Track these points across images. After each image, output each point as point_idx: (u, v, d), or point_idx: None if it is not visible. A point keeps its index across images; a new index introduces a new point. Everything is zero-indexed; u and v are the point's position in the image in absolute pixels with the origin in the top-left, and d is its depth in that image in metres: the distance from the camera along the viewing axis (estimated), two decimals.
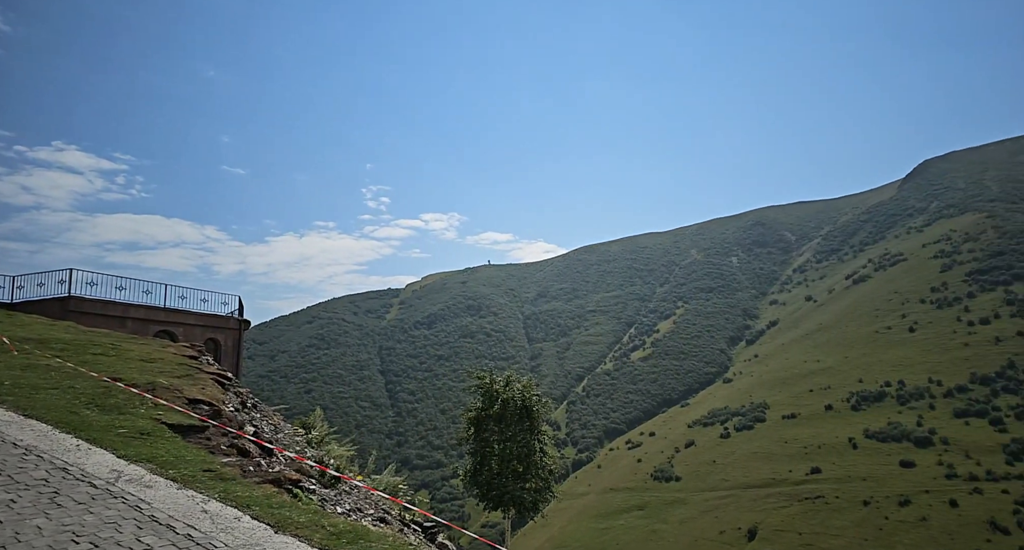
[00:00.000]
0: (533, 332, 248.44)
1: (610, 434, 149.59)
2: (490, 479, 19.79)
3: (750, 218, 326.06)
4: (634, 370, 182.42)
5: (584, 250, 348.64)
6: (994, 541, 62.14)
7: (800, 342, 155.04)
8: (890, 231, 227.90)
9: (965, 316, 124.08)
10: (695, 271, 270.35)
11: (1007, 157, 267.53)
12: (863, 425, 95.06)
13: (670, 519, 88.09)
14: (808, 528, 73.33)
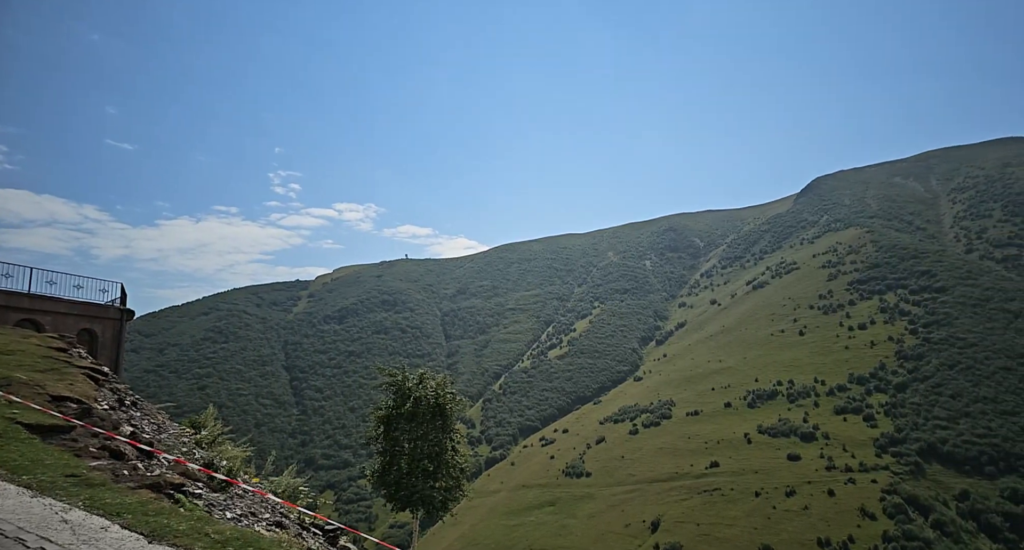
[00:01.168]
0: (451, 329, 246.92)
1: (525, 431, 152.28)
2: (399, 479, 19.41)
3: (663, 224, 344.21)
4: (551, 368, 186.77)
5: (505, 248, 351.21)
6: (863, 526, 70.04)
7: (705, 343, 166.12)
8: (786, 241, 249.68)
9: (847, 321, 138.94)
10: (612, 273, 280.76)
11: (885, 178, 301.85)
12: (757, 421, 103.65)
13: (579, 514, 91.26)
14: (706, 519, 78.78)
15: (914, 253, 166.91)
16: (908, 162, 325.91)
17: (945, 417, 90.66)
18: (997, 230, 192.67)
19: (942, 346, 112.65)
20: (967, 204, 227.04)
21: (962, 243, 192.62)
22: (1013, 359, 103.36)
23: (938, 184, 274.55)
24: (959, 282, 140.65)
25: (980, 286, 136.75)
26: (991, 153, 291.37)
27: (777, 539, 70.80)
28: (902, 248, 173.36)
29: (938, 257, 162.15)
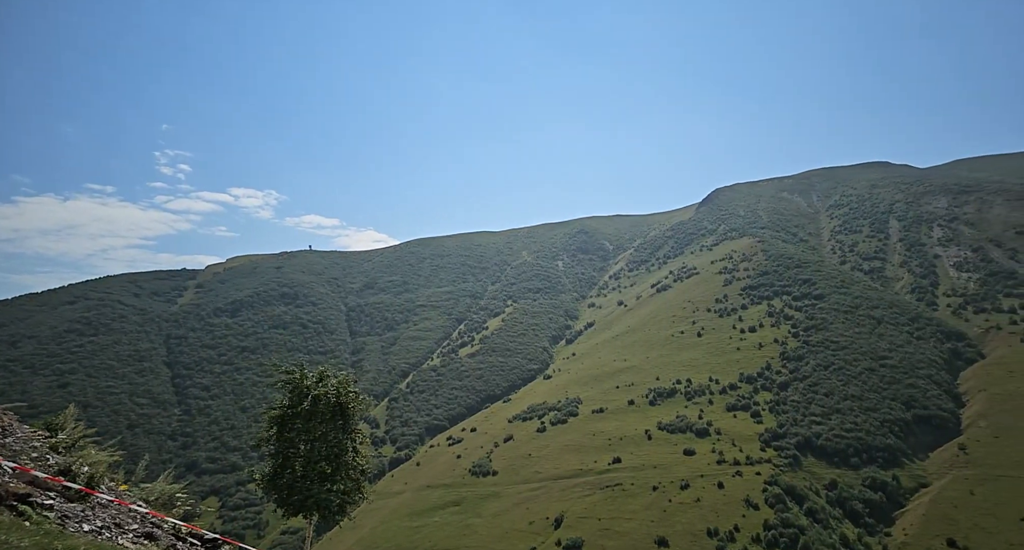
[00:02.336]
0: (357, 325, 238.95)
1: (432, 431, 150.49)
2: (292, 482, 18.10)
3: (576, 226, 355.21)
4: (461, 366, 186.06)
5: (418, 243, 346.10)
6: (748, 516, 76.05)
7: (611, 343, 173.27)
8: (688, 247, 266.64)
9: (739, 324, 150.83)
10: (525, 272, 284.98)
11: (774, 193, 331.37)
12: (657, 418, 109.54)
13: (484, 513, 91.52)
14: (607, 513, 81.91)
15: (797, 263, 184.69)
16: (794, 179, 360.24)
17: (819, 413, 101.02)
18: (865, 245, 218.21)
19: (819, 348, 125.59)
20: (842, 220, 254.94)
21: (837, 255, 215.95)
22: (876, 361, 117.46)
23: (819, 200, 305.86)
24: (834, 290, 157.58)
25: (851, 294, 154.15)
26: (862, 175, 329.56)
27: (672, 531, 75.08)
28: (787, 258, 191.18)
29: (817, 267, 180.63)
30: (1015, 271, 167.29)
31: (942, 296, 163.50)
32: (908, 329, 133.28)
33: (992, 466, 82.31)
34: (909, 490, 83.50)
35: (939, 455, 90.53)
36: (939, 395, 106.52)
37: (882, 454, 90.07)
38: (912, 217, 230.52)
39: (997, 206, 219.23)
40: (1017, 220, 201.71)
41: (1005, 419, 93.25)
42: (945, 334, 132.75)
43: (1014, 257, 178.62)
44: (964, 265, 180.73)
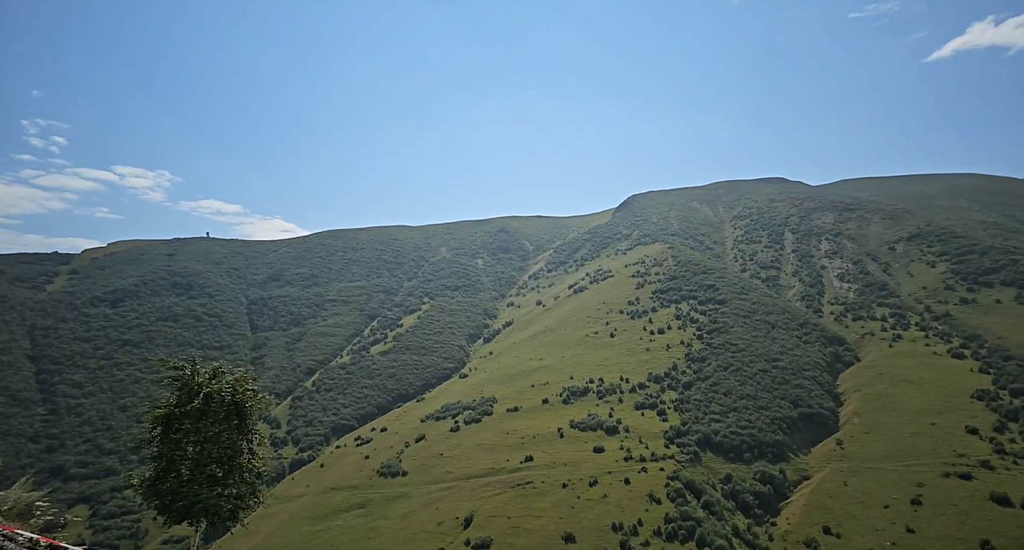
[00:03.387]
0: (259, 319, 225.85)
1: (339, 431, 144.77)
2: (177, 487, 16.29)
3: (496, 225, 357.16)
4: (372, 364, 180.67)
5: (330, 234, 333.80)
6: (651, 510, 79.52)
7: (528, 342, 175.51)
8: (604, 251, 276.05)
9: (649, 326, 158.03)
10: (444, 269, 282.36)
11: (685, 202, 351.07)
12: (570, 417, 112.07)
13: (391, 514, 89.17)
14: (517, 512, 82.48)
15: (703, 269, 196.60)
16: (703, 190, 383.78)
17: (719, 412, 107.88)
18: (763, 254, 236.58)
19: (720, 350, 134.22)
20: (744, 230, 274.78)
21: (739, 263, 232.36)
22: (769, 362, 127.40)
23: (724, 211, 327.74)
24: (735, 296, 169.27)
25: (749, 300, 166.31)
26: (762, 189, 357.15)
27: (579, 527, 76.93)
28: (695, 264, 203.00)
29: (721, 274, 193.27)
30: (887, 283, 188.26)
31: (827, 304, 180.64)
32: (797, 334, 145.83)
33: (863, 459, 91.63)
34: (793, 482, 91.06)
35: (820, 450, 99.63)
36: (821, 395, 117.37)
37: (771, 449, 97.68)
38: (804, 230, 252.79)
39: (874, 223, 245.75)
40: (890, 237, 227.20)
41: (875, 417, 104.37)
42: (828, 339, 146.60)
43: (887, 270, 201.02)
44: (846, 276, 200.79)
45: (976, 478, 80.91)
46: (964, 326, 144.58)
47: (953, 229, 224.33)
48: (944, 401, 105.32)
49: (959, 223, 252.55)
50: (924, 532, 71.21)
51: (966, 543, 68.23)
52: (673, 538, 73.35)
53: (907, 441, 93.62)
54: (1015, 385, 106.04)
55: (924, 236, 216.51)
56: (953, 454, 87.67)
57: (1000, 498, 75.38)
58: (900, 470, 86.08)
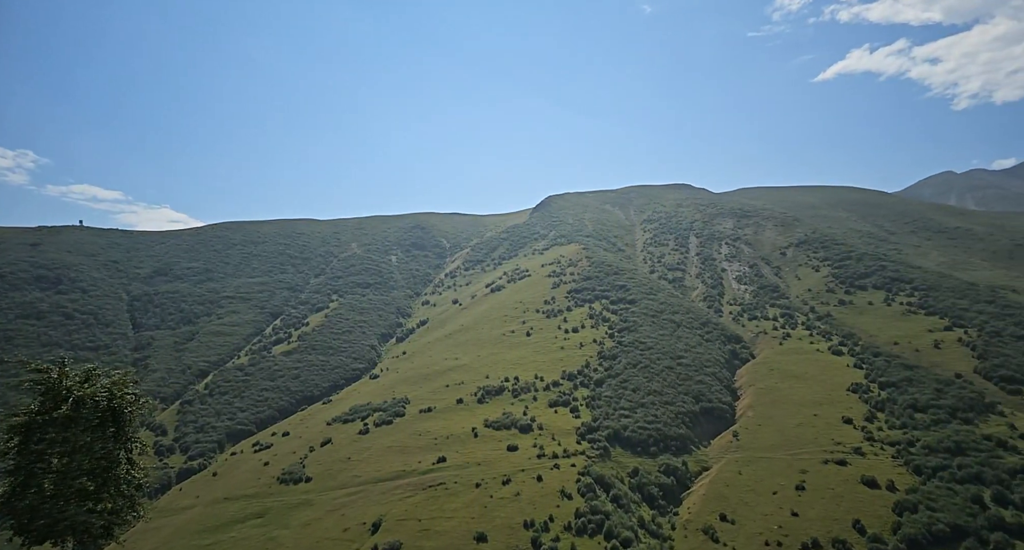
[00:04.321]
0: (143, 317, 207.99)
1: (234, 437, 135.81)
2: (39, 503, 14.50)
3: (411, 221, 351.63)
4: (274, 365, 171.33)
5: (226, 226, 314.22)
6: (562, 506, 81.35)
7: (443, 341, 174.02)
8: (521, 250, 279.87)
9: (564, 325, 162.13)
10: (354, 265, 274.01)
11: (599, 205, 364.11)
12: (484, 416, 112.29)
13: (292, 523, 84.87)
14: (428, 514, 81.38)
15: (616, 270, 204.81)
16: (616, 193, 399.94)
17: (628, 407, 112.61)
18: (670, 257, 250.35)
19: (630, 348, 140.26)
20: (653, 233, 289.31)
21: (648, 265, 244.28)
22: (674, 360, 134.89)
23: (635, 214, 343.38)
24: (644, 296, 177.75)
25: (657, 300, 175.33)
26: (670, 195, 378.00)
27: (491, 526, 77.22)
28: (608, 265, 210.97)
29: (631, 275, 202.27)
30: (778, 285, 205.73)
31: (726, 305, 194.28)
32: (700, 332, 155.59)
33: (755, 450, 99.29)
34: (694, 473, 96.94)
35: (718, 442, 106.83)
36: (720, 390, 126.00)
37: (675, 443, 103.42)
38: (707, 235, 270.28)
39: (768, 230, 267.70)
40: (781, 243, 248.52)
41: (766, 410, 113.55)
42: (727, 337, 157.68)
43: (778, 274, 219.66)
44: (743, 278, 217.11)
45: (850, 464, 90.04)
46: (842, 325, 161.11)
47: (834, 237, 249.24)
48: (825, 394, 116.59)
49: (839, 231, 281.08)
50: (806, 515, 78.22)
51: (841, 523, 75.68)
52: (583, 532, 75.55)
53: (793, 431, 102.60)
54: (883, 378, 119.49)
55: (810, 243, 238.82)
56: (831, 442, 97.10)
57: (869, 481, 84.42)
58: (787, 458, 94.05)
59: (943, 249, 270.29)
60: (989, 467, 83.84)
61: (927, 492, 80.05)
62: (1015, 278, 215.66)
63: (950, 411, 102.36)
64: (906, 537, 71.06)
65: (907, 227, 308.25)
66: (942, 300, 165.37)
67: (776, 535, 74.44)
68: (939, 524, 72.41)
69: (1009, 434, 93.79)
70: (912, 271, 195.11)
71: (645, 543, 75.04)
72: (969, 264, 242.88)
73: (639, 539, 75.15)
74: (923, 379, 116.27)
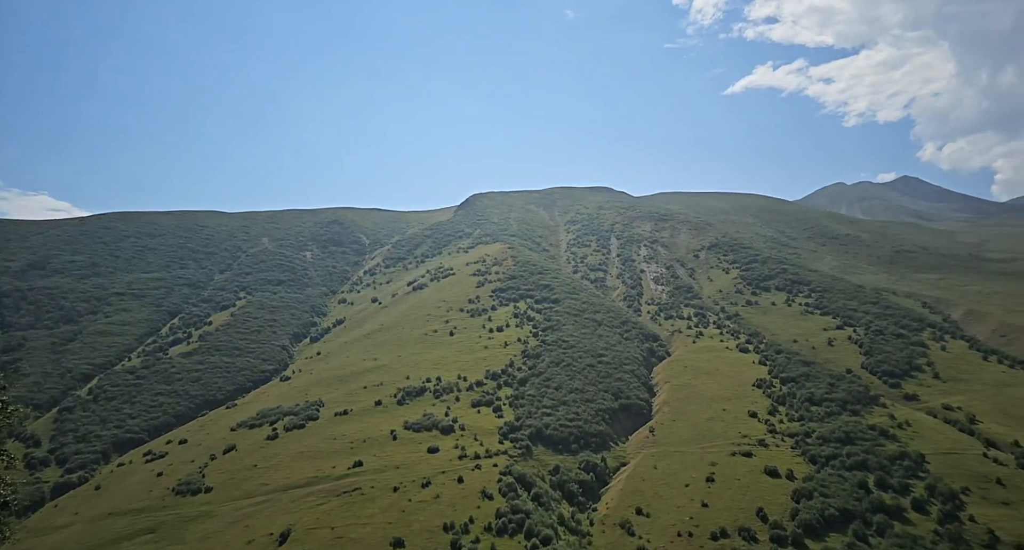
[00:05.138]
0: (13, 315, 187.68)
1: (122, 446, 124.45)
2: None
3: (328, 215, 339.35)
4: (171, 368, 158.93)
5: (118, 217, 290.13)
6: (483, 506, 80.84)
7: (361, 341, 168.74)
8: (445, 248, 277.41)
9: (488, 324, 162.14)
10: (265, 261, 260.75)
11: (523, 204, 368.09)
12: (404, 418, 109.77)
13: (189, 537, 78.74)
14: (342, 521, 78.26)
15: (540, 270, 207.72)
16: (540, 194, 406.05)
17: (550, 406, 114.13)
18: (592, 258, 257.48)
19: (553, 347, 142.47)
20: (576, 234, 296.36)
21: (571, 265, 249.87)
22: (595, 358, 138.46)
23: (559, 215, 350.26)
24: (567, 296, 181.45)
25: (580, 300, 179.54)
26: (592, 197, 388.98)
27: (409, 530, 75.45)
28: (532, 264, 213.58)
29: (555, 275, 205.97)
30: (692, 286, 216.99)
31: (644, 304, 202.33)
32: (619, 331, 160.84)
33: (670, 444, 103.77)
34: (613, 469, 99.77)
35: (636, 437, 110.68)
36: (638, 387, 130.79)
37: (595, 439, 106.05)
38: (627, 237, 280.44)
39: (683, 233, 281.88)
40: (695, 245, 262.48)
41: (680, 405, 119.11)
42: (645, 336, 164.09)
43: (692, 275, 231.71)
44: (660, 279, 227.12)
45: (754, 455, 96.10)
46: (749, 324, 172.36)
47: (742, 241, 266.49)
48: (733, 389, 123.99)
49: (746, 236, 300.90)
50: (715, 505, 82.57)
51: (746, 512, 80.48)
52: (503, 532, 75.52)
53: (704, 426, 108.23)
54: (784, 374, 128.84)
55: (721, 246, 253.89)
56: (739, 435, 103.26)
57: (771, 471, 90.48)
58: (699, 452, 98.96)
59: (835, 254, 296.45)
60: (873, 455, 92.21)
61: (821, 480, 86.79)
62: (895, 281, 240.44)
63: (841, 404, 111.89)
64: (802, 522, 76.65)
65: (805, 233, 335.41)
66: (835, 301, 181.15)
67: (688, 526, 77.99)
68: (830, 509, 78.69)
69: (889, 424, 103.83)
70: (809, 274, 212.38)
71: (565, 540, 76.15)
72: (857, 268, 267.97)
73: (559, 536, 76.17)
74: (818, 374, 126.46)
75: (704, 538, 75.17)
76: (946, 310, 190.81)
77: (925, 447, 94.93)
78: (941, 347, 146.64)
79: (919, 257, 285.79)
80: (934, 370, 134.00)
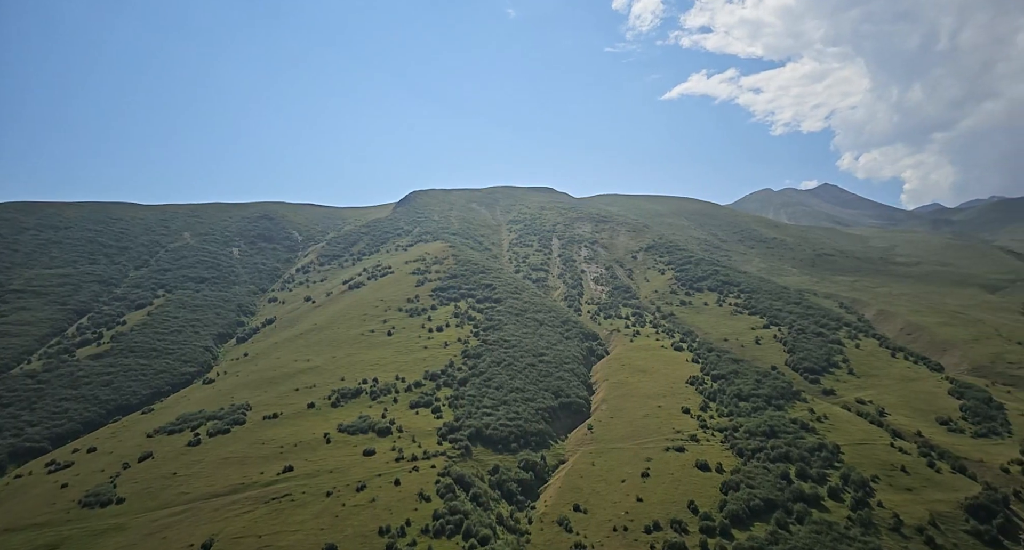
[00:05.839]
0: None
1: (20, 457, 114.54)
2: None
3: (257, 210, 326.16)
4: (78, 371, 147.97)
5: (15, 207, 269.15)
6: (420, 508, 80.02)
7: (293, 341, 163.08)
8: (383, 246, 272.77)
9: (428, 324, 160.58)
10: (187, 257, 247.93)
11: (465, 203, 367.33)
12: (339, 420, 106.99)
13: None
14: (269, 529, 75.48)
15: (482, 269, 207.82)
16: (483, 192, 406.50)
17: (490, 405, 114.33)
18: (534, 257, 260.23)
19: (494, 347, 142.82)
20: (518, 234, 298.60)
21: (513, 264, 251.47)
22: (536, 357, 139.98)
23: (501, 214, 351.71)
24: (509, 295, 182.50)
25: (522, 299, 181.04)
26: (534, 197, 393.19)
27: (342, 535, 73.74)
28: (474, 263, 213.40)
29: (498, 274, 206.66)
30: (630, 287, 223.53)
31: (584, 304, 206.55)
32: (560, 330, 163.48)
33: (607, 441, 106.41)
34: (552, 467, 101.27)
35: (575, 435, 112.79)
36: (578, 385, 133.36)
37: (535, 438, 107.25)
38: (568, 237, 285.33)
39: (622, 235, 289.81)
40: (633, 247, 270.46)
41: (618, 402, 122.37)
42: (585, 335, 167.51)
43: (630, 276, 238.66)
44: (600, 280, 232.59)
45: (687, 450, 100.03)
46: (683, 323, 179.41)
47: (677, 243, 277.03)
48: (668, 386, 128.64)
49: (681, 238, 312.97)
50: (649, 499, 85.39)
51: (678, 505, 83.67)
52: (440, 534, 75.15)
53: (640, 422, 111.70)
54: (715, 371, 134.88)
55: (657, 248, 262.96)
56: (672, 431, 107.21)
57: (702, 465, 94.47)
58: (634, 448, 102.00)
59: (763, 257, 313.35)
60: (794, 447, 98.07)
61: (747, 472, 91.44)
62: (816, 283, 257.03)
63: (766, 399, 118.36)
64: (730, 513, 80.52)
65: (735, 236, 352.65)
66: (762, 302, 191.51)
67: (623, 521, 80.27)
68: (756, 500, 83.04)
69: (809, 417, 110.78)
70: (739, 276, 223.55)
71: (503, 539, 76.61)
72: (782, 270, 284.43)
73: (497, 536, 76.58)
74: (746, 371, 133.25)
75: (639, 532, 77.59)
76: (860, 310, 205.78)
77: (840, 439, 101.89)
78: (855, 345, 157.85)
79: (837, 260, 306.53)
80: (849, 366, 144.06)
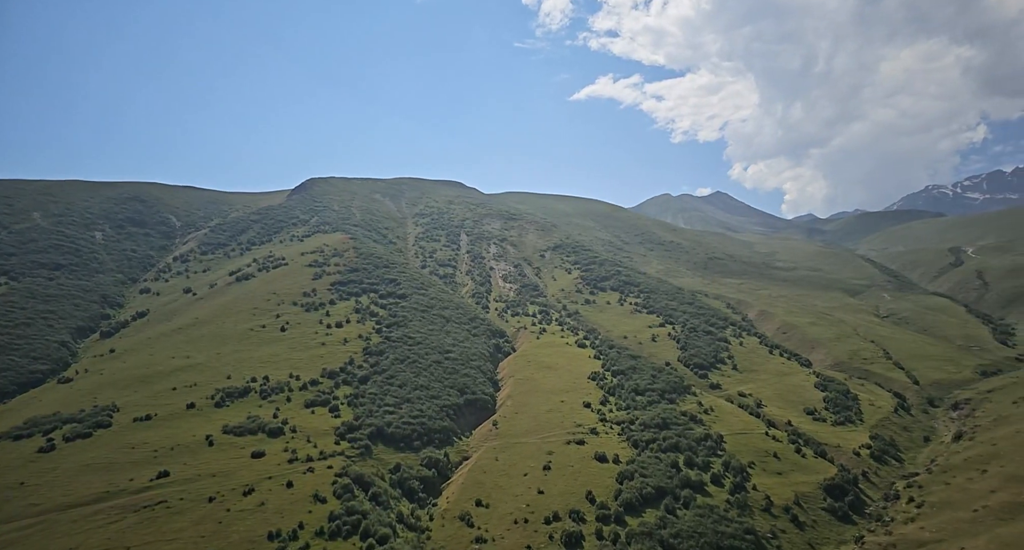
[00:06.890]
0: None
1: None
2: None
3: (127, 190, 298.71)
4: None
5: None
6: (314, 511, 77.43)
7: (170, 336, 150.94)
8: (276, 236, 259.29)
9: (326, 320, 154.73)
10: (36, 240, 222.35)
11: (367, 193, 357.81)
12: (223, 421, 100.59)
13: None
14: (140, 540, 69.95)
15: (386, 263, 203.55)
16: (387, 183, 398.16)
17: (393, 404, 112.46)
18: (442, 253, 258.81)
19: (398, 343, 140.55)
20: (425, 228, 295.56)
21: (419, 259, 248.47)
22: (442, 354, 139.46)
23: (407, 207, 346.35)
24: (415, 291, 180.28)
25: (428, 295, 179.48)
26: (442, 191, 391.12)
27: (227, 542, 69.87)
28: (377, 257, 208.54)
29: (403, 269, 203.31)
30: (537, 285, 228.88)
31: (492, 301, 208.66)
32: (468, 328, 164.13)
33: (512, 436, 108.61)
34: (455, 464, 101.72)
35: (479, 431, 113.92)
36: (484, 382, 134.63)
37: (439, 435, 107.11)
38: (476, 234, 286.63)
39: (531, 233, 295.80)
40: (541, 246, 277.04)
41: (523, 398, 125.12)
42: (492, 332, 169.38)
43: (538, 274, 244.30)
44: (508, 277, 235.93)
45: (586, 443, 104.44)
46: (587, 321, 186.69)
47: (583, 243, 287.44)
48: (571, 382, 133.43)
49: (587, 239, 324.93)
50: (550, 492, 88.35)
51: (577, 495, 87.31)
52: (337, 535, 73.34)
53: (544, 417, 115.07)
54: (615, 367, 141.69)
55: (564, 247, 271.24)
56: (574, 425, 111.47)
57: (600, 457, 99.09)
58: (537, 442, 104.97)
59: (661, 259, 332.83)
60: (684, 437, 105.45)
61: (641, 462, 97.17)
62: (707, 284, 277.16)
63: (660, 393, 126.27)
64: (624, 501, 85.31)
65: (636, 239, 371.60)
66: (659, 301, 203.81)
67: (524, 513, 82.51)
68: (648, 488, 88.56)
69: (698, 410, 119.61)
70: (639, 276, 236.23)
71: (403, 537, 76.13)
72: (678, 272, 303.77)
73: (396, 534, 75.96)
74: (643, 367, 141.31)
75: (539, 523, 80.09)
76: (744, 310, 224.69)
77: (723, 429, 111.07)
78: (739, 343, 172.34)
79: (726, 264, 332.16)
80: (734, 362, 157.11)
